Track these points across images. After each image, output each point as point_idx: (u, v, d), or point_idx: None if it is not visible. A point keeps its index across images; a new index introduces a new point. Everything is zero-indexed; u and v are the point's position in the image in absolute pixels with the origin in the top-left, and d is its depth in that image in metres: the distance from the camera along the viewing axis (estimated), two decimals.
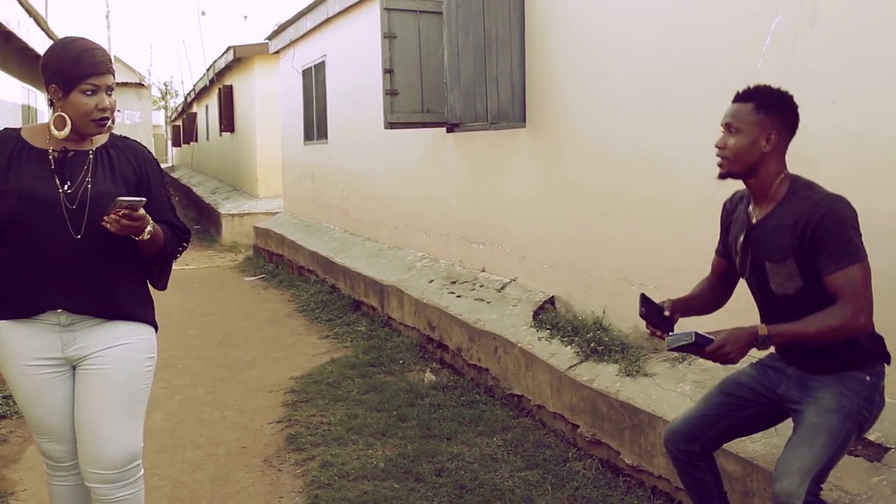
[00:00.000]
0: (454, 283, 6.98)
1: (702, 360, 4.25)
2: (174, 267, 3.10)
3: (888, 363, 2.90)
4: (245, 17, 74.55)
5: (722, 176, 2.95)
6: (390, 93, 6.89)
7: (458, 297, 6.62)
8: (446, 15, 5.99)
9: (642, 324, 4.76)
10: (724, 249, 3.16)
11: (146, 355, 2.92)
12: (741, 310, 3.38)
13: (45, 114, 14.54)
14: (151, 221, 2.77)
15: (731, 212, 3.13)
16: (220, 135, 20.95)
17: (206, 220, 18.96)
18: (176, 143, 38.44)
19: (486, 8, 5.99)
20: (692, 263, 4.44)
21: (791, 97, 2.89)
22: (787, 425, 3.15)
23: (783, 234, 2.79)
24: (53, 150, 2.76)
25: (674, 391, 4.14)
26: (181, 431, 5.21)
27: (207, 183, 22.92)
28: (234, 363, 6.95)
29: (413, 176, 8.43)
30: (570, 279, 5.67)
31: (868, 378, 2.79)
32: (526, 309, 5.80)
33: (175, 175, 30.49)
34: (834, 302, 2.71)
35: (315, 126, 11.90)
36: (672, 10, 4.64)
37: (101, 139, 2.87)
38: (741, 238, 2.98)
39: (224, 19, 70.49)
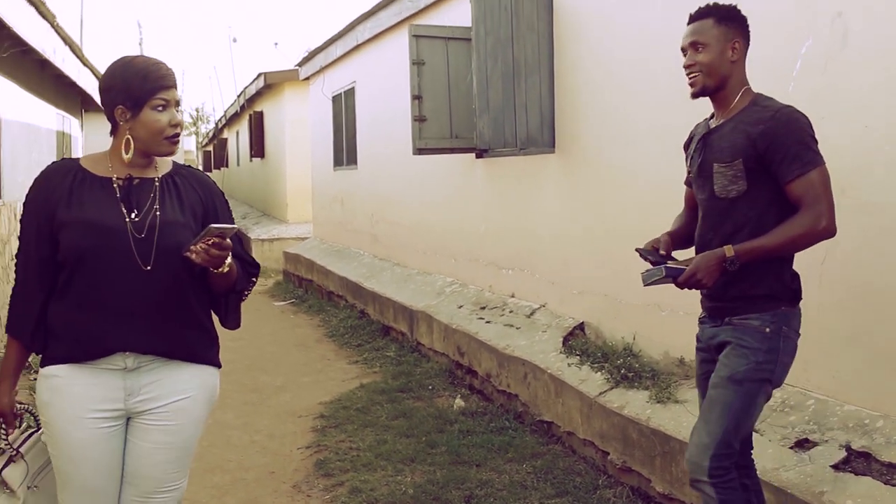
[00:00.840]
0: (483, 308, 6.96)
1: None
2: None
3: (795, 303, 2.92)
4: (276, 43, 75.13)
5: (695, 94, 3.04)
6: (419, 119, 6.92)
7: (488, 322, 6.60)
8: (475, 41, 6.02)
9: (673, 350, 4.77)
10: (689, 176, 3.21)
11: (209, 405, 2.72)
12: None
13: (78, 140, 14.74)
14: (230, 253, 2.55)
15: (692, 135, 3.18)
16: (251, 160, 21.14)
17: None
18: (207, 169, 38.78)
19: (515, 35, 6.01)
20: None
21: (739, 9, 3.01)
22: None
23: (737, 137, 2.86)
24: (118, 178, 2.56)
25: None
26: (210, 456, 5.22)
27: (238, 208, 23.10)
28: (264, 388, 6.97)
29: (442, 201, 8.44)
30: (599, 305, 5.64)
31: (768, 329, 2.82)
32: (555, 335, 5.78)
33: None
34: (772, 212, 2.81)
35: (345, 152, 11.97)
36: None
37: (164, 167, 2.67)
38: (697, 141, 3.05)
39: (255, 46, 71.32)
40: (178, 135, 2.58)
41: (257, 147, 19.68)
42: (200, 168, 44.78)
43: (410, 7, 8.72)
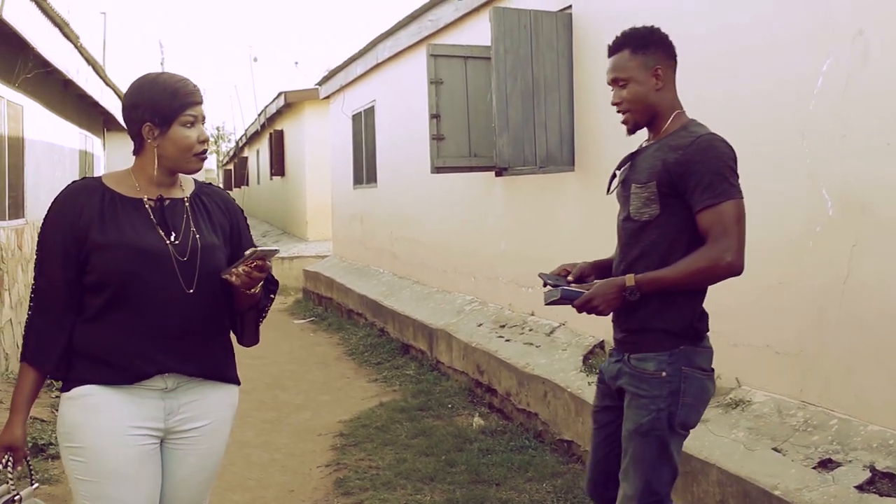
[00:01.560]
0: (503, 326, 6.95)
1: (756, 406, 4.19)
2: None
3: (699, 342, 2.77)
4: (296, 63, 75.60)
5: (630, 130, 2.92)
6: (437, 137, 6.94)
7: (507, 340, 6.59)
8: (494, 60, 6.05)
9: None
10: None
11: (232, 424, 2.70)
12: None
13: (100, 159, 14.88)
14: None
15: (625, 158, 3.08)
16: (271, 178, 21.26)
17: None
18: (227, 187, 39.02)
19: (535, 53, 6.03)
20: (744, 305, 4.40)
21: (657, 28, 2.88)
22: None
23: (657, 160, 2.75)
24: (149, 199, 2.51)
25: (727, 438, 4.06)
26: (230, 474, 5.23)
27: (258, 226, 23.22)
28: (284, 406, 6.98)
29: (461, 219, 8.45)
30: None
31: (665, 374, 2.70)
32: (576, 353, 5.76)
33: None
34: (681, 243, 2.69)
35: (364, 170, 12.02)
36: (718, 57, 4.63)
37: (189, 186, 2.63)
38: (626, 160, 2.94)
39: (275, 65, 71.78)
40: (206, 151, 2.55)
41: (277, 165, 19.80)
42: (221, 186, 44.98)
43: (430, 26, 8.77)
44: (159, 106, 2.45)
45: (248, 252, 2.45)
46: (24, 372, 2.45)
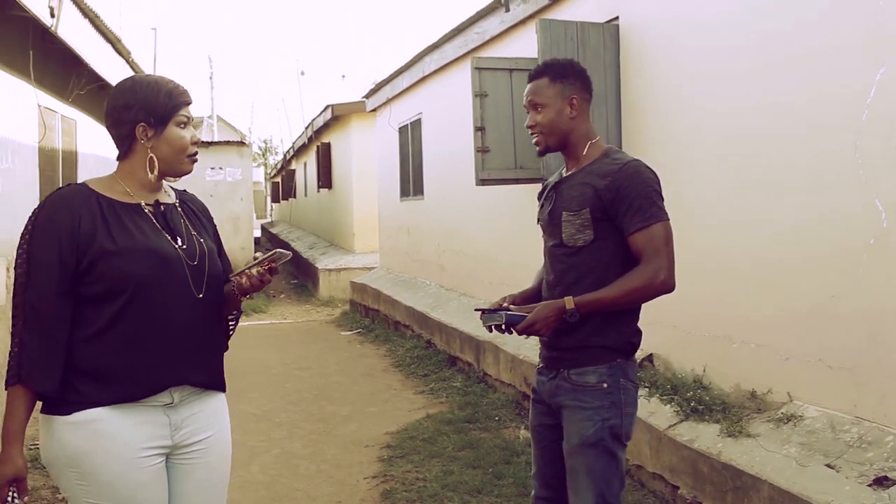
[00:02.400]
0: None
1: (808, 421, 4.12)
2: (273, 321, 2.88)
3: (631, 356, 2.91)
4: (343, 76, 76.30)
5: (541, 153, 3.05)
6: (481, 150, 6.95)
7: None
8: None
9: (745, 383, 4.69)
10: None
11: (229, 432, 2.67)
12: None
13: None
14: None
15: (546, 184, 3.15)
16: (318, 191, 21.40)
17: (304, 275, 19.31)
18: (275, 199, 39.42)
19: (582, 65, 6.01)
20: (797, 319, 4.34)
21: (577, 62, 3.03)
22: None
23: (586, 187, 2.85)
24: (146, 204, 2.46)
25: (778, 453, 4.00)
26: (278, 485, 5.26)
27: (305, 238, 23.38)
28: (331, 417, 7.01)
29: (508, 231, 8.44)
30: (668, 336, 5.57)
31: (606, 385, 2.80)
32: None
33: (274, 230, 31.22)
34: (617, 263, 2.80)
35: (411, 182, 12.06)
36: (764, 66, 4.58)
37: (171, 192, 2.60)
38: (549, 190, 3.04)
39: (322, 79, 72.54)
40: (197, 153, 2.52)
41: (325, 178, 19.93)
42: (269, 198, 45.56)
43: (476, 39, 8.79)
44: (154, 106, 2.41)
45: (264, 255, 2.47)
46: (15, 396, 2.27)
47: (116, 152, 2.51)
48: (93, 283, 2.32)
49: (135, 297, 2.32)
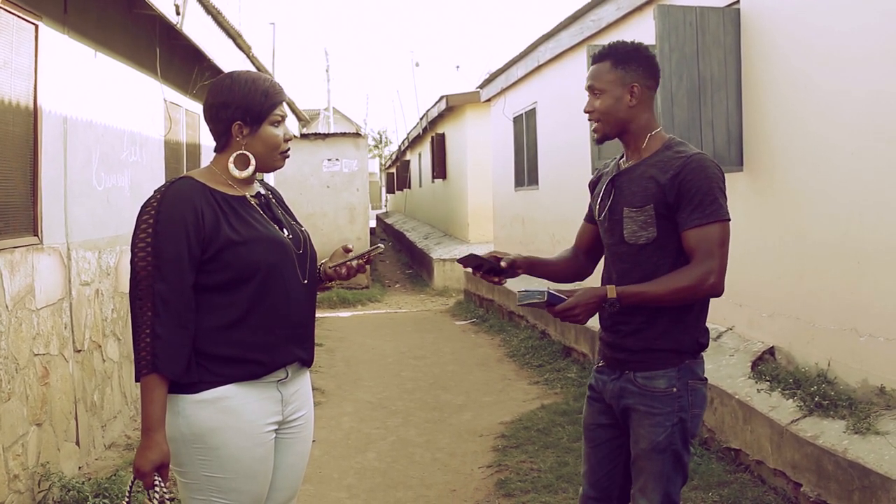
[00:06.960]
0: None
1: None
2: (388, 310, 3.02)
3: (698, 355, 2.83)
4: (457, 66, 76.57)
5: (599, 140, 2.92)
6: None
7: None
8: (659, 58, 5.91)
9: (872, 377, 4.52)
10: (591, 213, 3.09)
11: None
12: None
13: None
14: None
15: (601, 174, 3.04)
16: (432, 181, 21.58)
17: (418, 265, 19.50)
18: (390, 190, 39.96)
19: (701, 50, 5.88)
20: None
21: (645, 47, 2.84)
22: None
23: (649, 182, 2.73)
24: (251, 196, 2.59)
25: None
26: (393, 472, 5.34)
27: (420, 228, 23.60)
28: (445, 406, 7.07)
29: None
30: (791, 329, 5.40)
31: (675, 389, 2.74)
32: (743, 359, 5.57)
33: (389, 221, 31.65)
34: (682, 261, 2.70)
35: (525, 172, 12.02)
36: (885, 53, 4.39)
37: (257, 183, 2.70)
38: (606, 183, 2.91)
39: (437, 70, 72.85)
40: (290, 149, 2.63)
41: (439, 168, 20.07)
42: (384, 189, 46.07)
43: (592, 27, 8.68)
44: (251, 105, 2.51)
45: (369, 249, 2.67)
46: (153, 384, 2.35)
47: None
48: (216, 272, 2.45)
49: (263, 283, 2.48)
